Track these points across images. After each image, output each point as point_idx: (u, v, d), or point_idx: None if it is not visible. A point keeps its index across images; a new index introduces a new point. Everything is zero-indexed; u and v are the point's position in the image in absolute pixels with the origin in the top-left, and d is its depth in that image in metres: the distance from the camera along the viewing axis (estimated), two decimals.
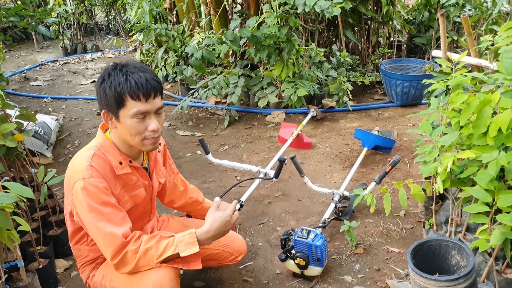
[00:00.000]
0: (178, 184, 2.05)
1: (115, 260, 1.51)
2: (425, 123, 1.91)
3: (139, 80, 1.50)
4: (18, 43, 8.40)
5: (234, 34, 3.84)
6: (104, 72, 1.55)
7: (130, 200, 1.68)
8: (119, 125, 1.56)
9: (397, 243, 2.39)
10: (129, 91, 1.49)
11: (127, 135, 1.56)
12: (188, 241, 1.56)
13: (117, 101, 1.51)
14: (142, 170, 1.71)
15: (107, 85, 1.51)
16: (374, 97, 4.62)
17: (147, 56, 5.41)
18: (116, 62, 1.56)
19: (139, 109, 1.51)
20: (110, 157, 1.60)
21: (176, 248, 1.54)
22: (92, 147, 1.62)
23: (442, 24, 2.26)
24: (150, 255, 1.52)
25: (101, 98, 1.54)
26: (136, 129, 1.54)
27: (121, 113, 1.52)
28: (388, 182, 2.92)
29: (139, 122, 1.53)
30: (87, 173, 1.52)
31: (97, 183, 1.52)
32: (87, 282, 1.79)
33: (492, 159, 1.50)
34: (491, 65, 2.10)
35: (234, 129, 4.05)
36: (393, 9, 4.70)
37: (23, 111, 2.33)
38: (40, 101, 5.14)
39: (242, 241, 2.08)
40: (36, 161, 2.58)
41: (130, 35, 6.24)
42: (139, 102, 1.51)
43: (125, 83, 1.49)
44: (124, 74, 1.51)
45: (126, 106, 1.51)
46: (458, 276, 1.57)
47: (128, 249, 1.51)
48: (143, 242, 1.53)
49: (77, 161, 1.58)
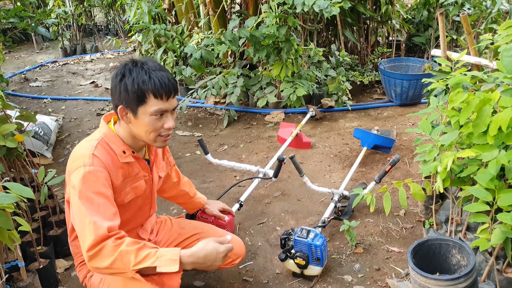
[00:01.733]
0: (172, 176, 2.07)
1: (91, 252, 1.41)
2: (424, 122, 1.91)
3: (162, 79, 1.52)
4: (18, 44, 8.42)
5: (233, 34, 3.85)
6: (124, 68, 1.54)
7: (132, 191, 1.68)
8: (135, 121, 1.57)
9: (397, 243, 2.39)
10: (153, 89, 1.51)
11: (142, 131, 1.58)
12: (170, 258, 1.45)
13: (138, 98, 1.51)
14: (143, 162, 1.72)
15: (129, 81, 1.51)
16: (373, 97, 4.62)
17: (146, 56, 5.41)
18: (134, 59, 1.57)
19: (160, 107, 1.53)
20: (114, 146, 1.61)
21: (156, 260, 1.43)
22: (95, 137, 1.62)
23: (441, 23, 2.26)
24: (127, 260, 1.41)
25: (121, 93, 1.53)
26: (153, 126, 1.55)
27: (140, 109, 1.53)
28: (387, 182, 2.92)
29: (157, 120, 1.55)
30: (89, 161, 1.51)
31: (96, 172, 1.51)
32: (84, 281, 1.78)
33: (492, 158, 1.51)
34: (490, 64, 2.10)
35: (233, 129, 4.05)
36: (392, 8, 4.70)
37: (23, 112, 2.33)
38: (39, 102, 5.14)
39: (240, 244, 2.01)
40: (36, 161, 2.58)
41: (129, 35, 6.24)
42: (160, 100, 1.53)
43: (149, 81, 1.51)
44: (146, 72, 1.52)
45: (147, 104, 1.52)
46: (458, 276, 1.57)
47: (107, 243, 1.42)
48: (125, 244, 1.43)
49: (80, 149, 1.57)
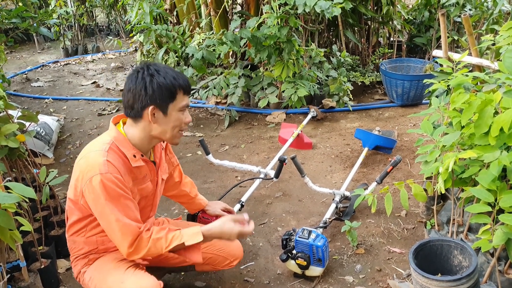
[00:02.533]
0: (174, 175, 2.08)
1: (131, 248, 1.60)
2: (426, 123, 1.91)
3: (183, 77, 1.65)
4: (20, 45, 8.43)
5: (234, 34, 3.85)
6: (148, 70, 1.59)
7: (138, 193, 1.72)
8: (164, 118, 1.62)
9: (399, 243, 2.39)
10: (183, 85, 1.62)
11: (169, 128, 1.64)
12: (193, 232, 1.68)
13: (171, 95, 1.60)
14: (151, 164, 1.76)
15: (161, 79, 1.57)
16: (375, 97, 4.62)
17: (147, 57, 5.40)
18: (146, 63, 1.64)
19: (186, 102, 1.66)
20: (125, 150, 1.64)
21: (182, 238, 1.65)
22: (106, 140, 1.63)
23: (443, 24, 2.26)
24: (159, 244, 1.63)
25: (153, 92, 1.57)
26: (180, 121, 1.65)
27: (170, 106, 1.61)
28: (389, 182, 2.92)
29: (183, 115, 1.66)
30: (104, 168, 1.55)
31: (114, 178, 1.56)
32: (78, 277, 1.80)
33: (494, 159, 1.50)
34: (492, 65, 2.09)
35: (234, 129, 4.05)
36: (393, 9, 4.70)
37: (25, 112, 2.33)
38: (41, 102, 5.15)
39: (238, 246, 2.04)
40: (38, 161, 2.58)
41: (130, 36, 6.24)
42: (186, 96, 1.65)
43: (178, 78, 1.61)
44: (171, 70, 1.62)
45: (177, 100, 1.62)
46: (460, 277, 1.57)
47: (141, 237, 1.61)
48: (154, 232, 1.64)
49: (92, 154, 1.59)
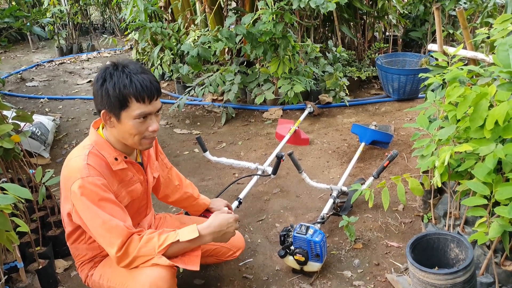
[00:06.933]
0: (172, 179, 2.06)
1: (120, 252, 1.52)
2: (422, 117, 1.92)
3: (143, 82, 1.51)
4: (14, 44, 8.37)
5: (229, 31, 3.83)
6: (104, 72, 1.53)
7: (127, 195, 1.69)
8: (118, 125, 1.56)
9: (396, 238, 2.39)
10: (135, 93, 1.50)
11: (126, 135, 1.57)
12: (189, 229, 1.61)
13: (121, 103, 1.51)
14: (137, 165, 1.73)
15: (110, 86, 1.50)
16: (371, 92, 4.62)
17: (143, 54, 5.39)
18: (115, 62, 1.55)
19: (142, 111, 1.53)
20: (105, 153, 1.61)
21: (177, 236, 1.57)
22: (86, 145, 1.61)
23: (438, 18, 2.26)
24: (151, 244, 1.54)
25: (102, 98, 1.52)
26: (137, 129, 1.55)
27: (123, 114, 1.53)
28: (386, 177, 2.92)
29: (141, 123, 1.55)
30: (85, 172, 1.52)
31: (95, 181, 1.52)
32: (86, 281, 1.79)
33: (490, 152, 1.51)
34: (487, 58, 2.10)
35: (231, 126, 4.05)
36: (388, 4, 4.69)
37: (20, 112, 2.32)
38: (36, 102, 5.12)
39: (240, 237, 2.11)
40: (34, 161, 2.57)
41: (125, 34, 6.22)
42: (143, 104, 1.52)
43: (130, 85, 1.49)
44: (127, 75, 1.50)
45: (130, 108, 1.52)
46: (457, 269, 1.58)
47: (132, 238, 1.54)
48: (146, 234, 1.57)
49: (73, 161, 1.57)
